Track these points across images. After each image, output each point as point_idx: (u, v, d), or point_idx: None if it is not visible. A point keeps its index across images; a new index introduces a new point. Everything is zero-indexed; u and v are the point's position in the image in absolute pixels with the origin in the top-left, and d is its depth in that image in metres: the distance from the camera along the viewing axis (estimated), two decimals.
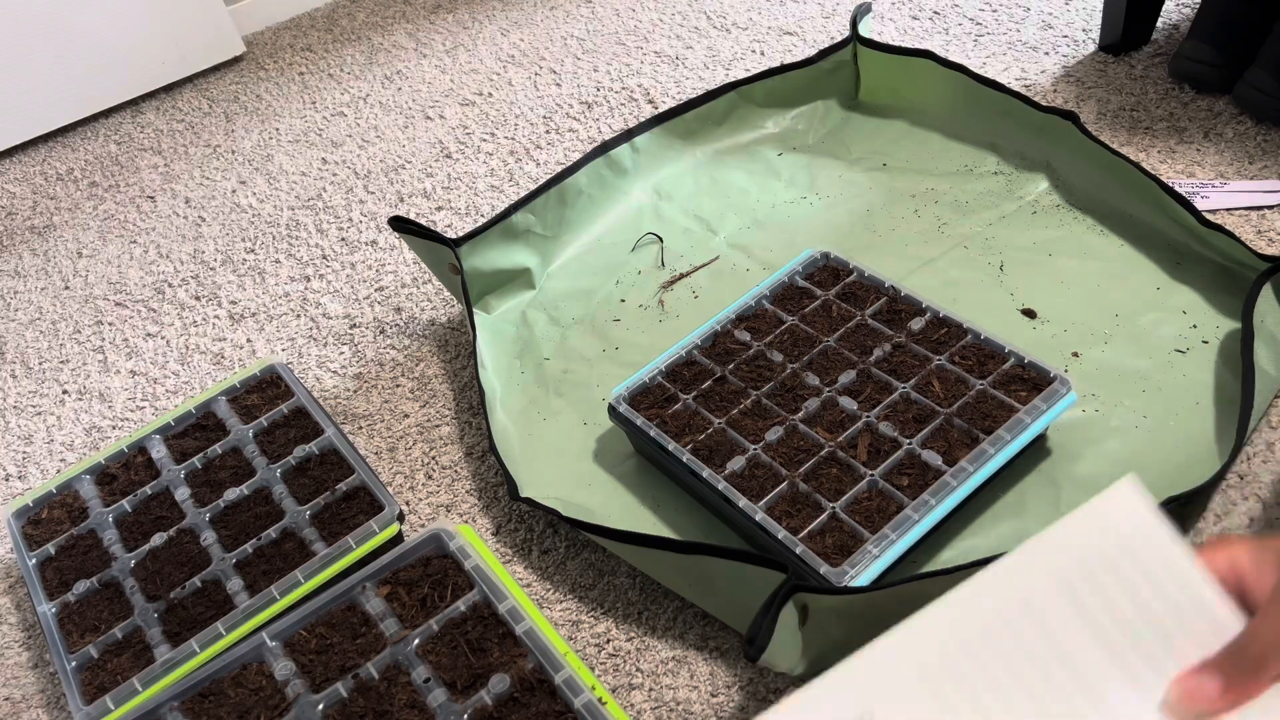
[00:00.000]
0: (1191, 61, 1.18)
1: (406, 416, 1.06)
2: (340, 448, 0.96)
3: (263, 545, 0.90)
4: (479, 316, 1.12)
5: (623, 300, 1.12)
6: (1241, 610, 0.42)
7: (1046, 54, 1.33)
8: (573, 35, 1.67)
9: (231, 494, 0.94)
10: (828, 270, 0.99)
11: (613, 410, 0.90)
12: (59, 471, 1.11)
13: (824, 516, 0.77)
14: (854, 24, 1.25)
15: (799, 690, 0.44)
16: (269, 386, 1.06)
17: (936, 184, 1.16)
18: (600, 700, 0.71)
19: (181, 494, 0.95)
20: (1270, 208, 1.04)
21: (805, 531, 0.76)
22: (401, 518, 0.90)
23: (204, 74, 1.84)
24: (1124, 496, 0.44)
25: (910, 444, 0.81)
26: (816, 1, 1.57)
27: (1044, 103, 1.18)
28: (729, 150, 1.28)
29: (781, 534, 0.76)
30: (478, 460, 1.00)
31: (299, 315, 1.23)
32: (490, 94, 1.57)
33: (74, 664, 0.84)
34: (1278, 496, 0.80)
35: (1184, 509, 0.80)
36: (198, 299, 1.31)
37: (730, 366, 0.91)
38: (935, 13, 1.47)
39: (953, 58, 1.35)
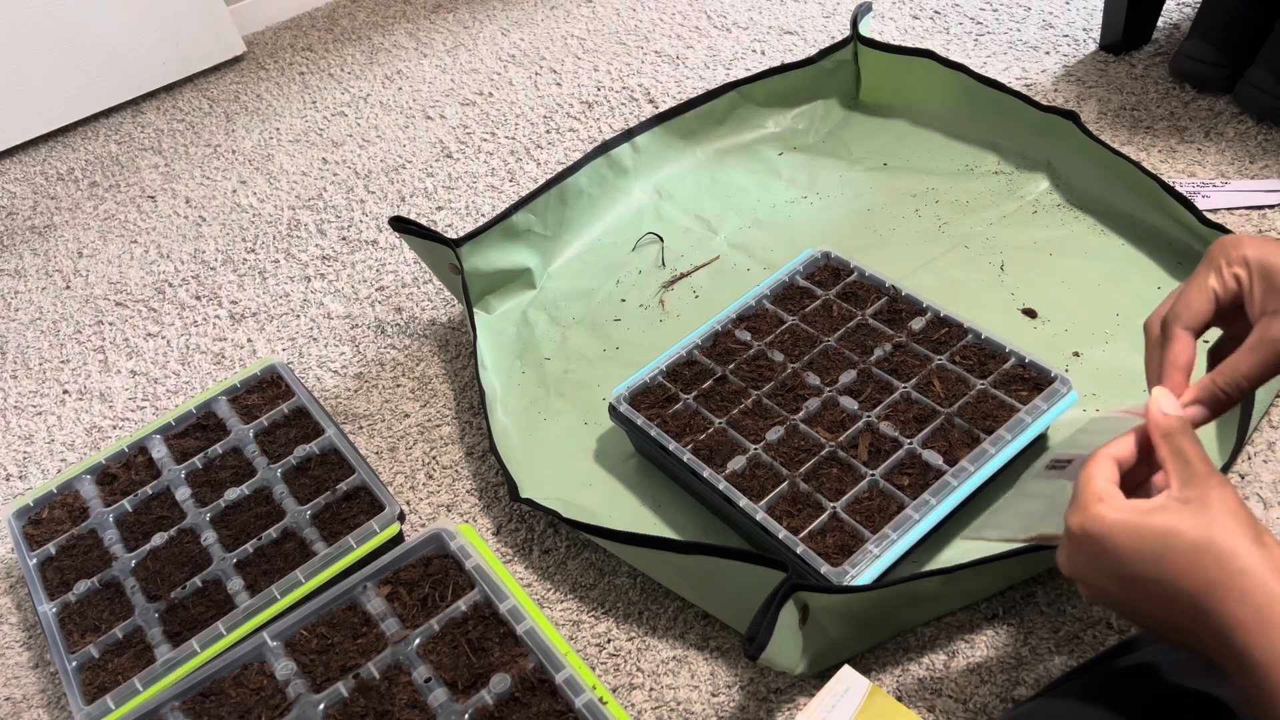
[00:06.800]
0: (1192, 61, 1.18)
1: (407, 416, 1.06)
2: (341, 447, 0.96)
3: (263, 545, 0.90)
4: (479, 316, 1.12)
5: (623, 300, 1.12)
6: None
7: (1047, 53, 1.33)
8: (573, 35, 1.67)
9: (232, 494, 0.94)
10: (828, 270, 0.99)
11: (613, 410, 0.90)
12: (59, 471, 1.11)
13: (825, 516, 0.77)
14: (854, 23, 1.25)
15: None
16: (269, 386, 1.06)
17: (937, 183, 1.16)
18: (601, 700, 0.71)
19: (182, 494, 0.95)
20: (1271, 207, 1.03)
21: (806, 531, 0.76)
22: (402, 517, 0.90)
23: (204, 74, 1.84)
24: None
25: (911, 444, 0.81)
26: (817, 1, 1.57)
27: (1045, 102, 1.18)
28: (730, 150, 1.28)
29: (782, 534, 0.76)
30: (478, 460, 1.00)
31: (299, 315, 1.23)
32: (491, 94, 1.57)
33: (74, 664, 0.84)
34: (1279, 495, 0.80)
35: None
36: (198, 299, 1.31)
37: (731, 366, 0.91)
38: (936, 12, 1.47)
39: (953, 57, 1.35)
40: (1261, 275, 0.51)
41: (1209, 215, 1.00)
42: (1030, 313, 0.99)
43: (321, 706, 0.75)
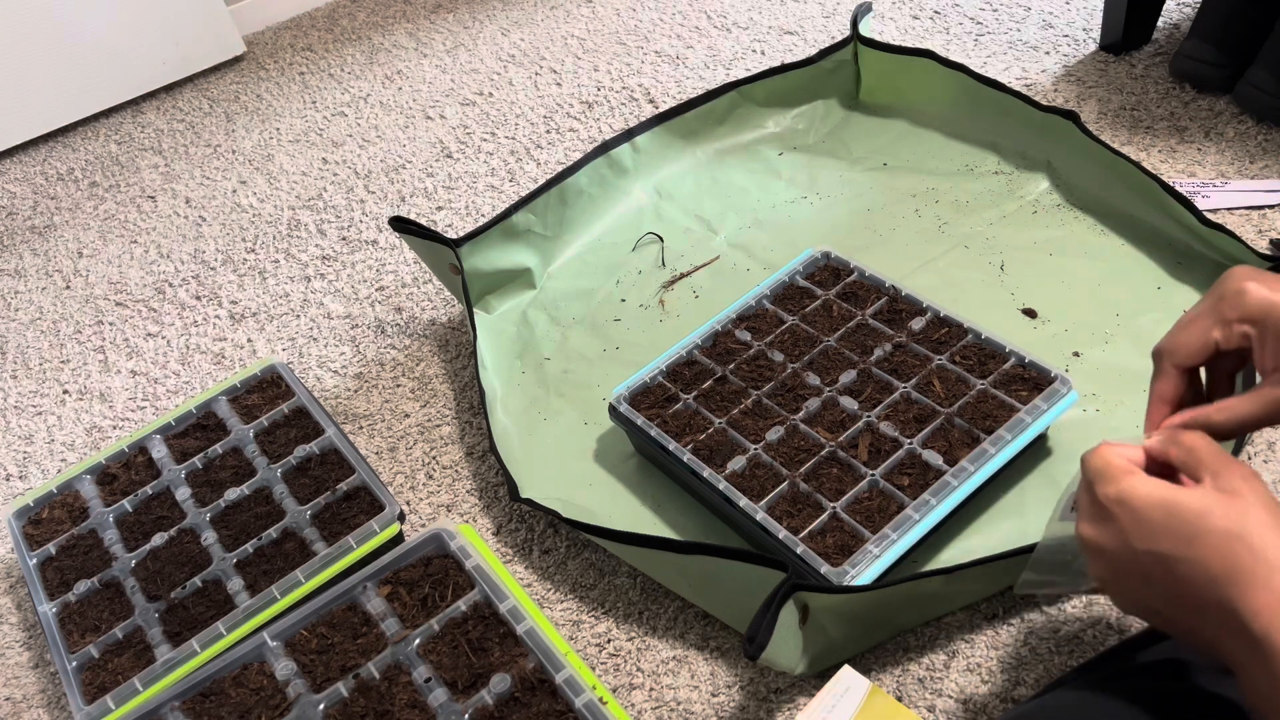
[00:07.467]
0: (1192, 61, 1.18)
1: (407, 416, 1.06)
2: (341, 448, 0.96)
3: (263, 545, 0.90)
4: (479, 316, 1.12)
5: (623, 300, 1.12)
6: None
7: (1047, 53, 1.33)
8: (573, 35, 1.67)
9: (232, 494, 0.94)
10: (828, 270, 0.99)
11: (613, 410, 0.90)
12: (60, 471, 1.11)
13: (825, 516, 0.77)
14: (854, 23, 1.25)
15: None
16: (269, 386, 1.06)
17: (937, 184, 1.16)
18: (601, 700, 0.71)
19: (182, 494, 0.95)
20: (1271, 207, 1.03)
21: (806, 531, 0.76)
22: (402, 517, 0.90)
23: (204, 74, 1.84)
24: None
25: (911, 444, 0.81)
26: (817, 1, 1.57)
27: (1045, 102, 1.18)
28: (730, 150, 1.28)
29: (782, 534, 0.76)
30: (478, 460, 1.00)
31: (299, 315, 1.23)
32: (491, 94, 1.57)
33: (75, 664, 0.84)
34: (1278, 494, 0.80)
35: None
36: (198, 299, 1.31)
37: (731, 366, 0.91)
38: (936, 12, 1.47)
39: (953, 57, 1.35)
40: (1274, 334, 0.50)
41: (1209, 215, 1.00)
42: (1030, 313, 0.99)
43: (321, 706, 0.75)
